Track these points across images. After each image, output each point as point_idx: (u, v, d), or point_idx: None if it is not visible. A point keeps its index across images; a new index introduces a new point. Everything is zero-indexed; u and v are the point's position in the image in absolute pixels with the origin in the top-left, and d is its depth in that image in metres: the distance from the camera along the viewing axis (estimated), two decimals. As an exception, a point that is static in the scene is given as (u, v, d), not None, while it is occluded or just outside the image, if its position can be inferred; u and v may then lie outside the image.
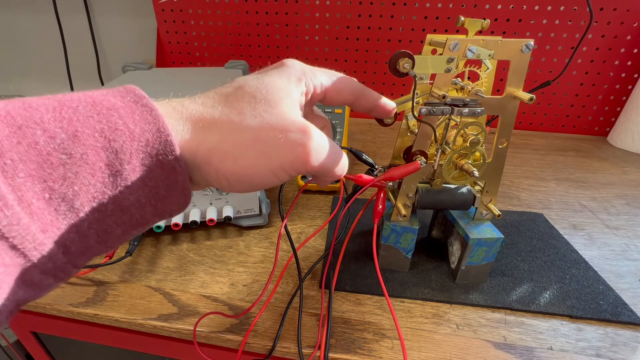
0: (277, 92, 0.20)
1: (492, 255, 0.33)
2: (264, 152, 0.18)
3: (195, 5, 0.80)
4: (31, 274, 0.14)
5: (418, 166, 0.27)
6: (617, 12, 0.67)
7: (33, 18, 0.92)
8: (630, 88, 0.72)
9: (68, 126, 0.14)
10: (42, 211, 0.14)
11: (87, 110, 0.15)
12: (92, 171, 0.15)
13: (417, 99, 0.31)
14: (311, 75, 0.22)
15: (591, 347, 0.29)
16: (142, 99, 0.17)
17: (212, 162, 0.18)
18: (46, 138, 0.14)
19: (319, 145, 0.19)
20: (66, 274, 0.16)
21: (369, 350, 0.28)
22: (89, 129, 0.15)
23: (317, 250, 0.40)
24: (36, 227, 0.14)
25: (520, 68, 0.28)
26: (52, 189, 0.14)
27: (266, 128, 0.18)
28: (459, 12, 0.72)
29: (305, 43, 0.81)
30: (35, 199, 0.14)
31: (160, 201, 0.17)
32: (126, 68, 0.68)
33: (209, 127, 0.18)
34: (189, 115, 0.18)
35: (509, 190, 0.53)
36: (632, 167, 0.62)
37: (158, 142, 0.16)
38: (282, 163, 0.18)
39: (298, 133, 0.19)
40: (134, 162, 0.16)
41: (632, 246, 0.41)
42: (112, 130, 0.15)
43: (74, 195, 0.14)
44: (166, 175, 0.17)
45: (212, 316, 0.31)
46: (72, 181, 0.14)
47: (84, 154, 0.14)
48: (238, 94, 0.19)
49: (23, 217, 0.13)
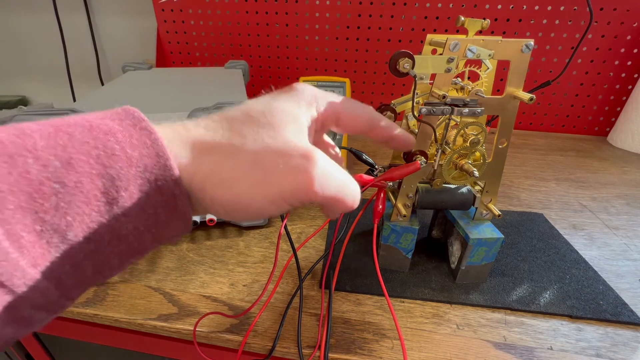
0: (283, 117, 0.19)
1: (492, 255, 0.33)
2: (262, 179, 0.17)
3: (195, 5, 0.80)
4: (20, 310, 0.14)
5: (418, 166, 0.27)
6: (617, 12, 0.67)
7: (33, 18, 0.92)
8: (630, 88, 0.72)
9: (62, 153, 0.14)
10: (32, 244, 0.13)
11: (83, 135, 0.14)
12: (87, 200, 0.14)
13: (417, 99, 0.31)
14: (322, 100, 0.21)
15: (591, 347, 0.29)
16: (140, 121, 0.16)
17: (206, 188, 0.17)
18: (38, 167, 0.13)
19: (324, 172, 0.18)
20: (60, 307, 0.15)
21: (369, 350, 0.28)
22: (84, 155, 0.14)
23: (317, 250, 0.40)
24: (26, 262, 0.13)
25: (520, 68, 0.28)
26: (44, 220, 0.13)
27: (266, 152, 0.17)
28: (459, 12, 0.72)
29: (305, 43, 0.81)
30: (25, 232, 0.13)
31: (159, 228, 0.17)
32: (126, 68, 0.68)
33: (209, 151, 0.17)
34: (190, 139, 0.17)
35: (509, 190, 0.53)
36: (632, 167, 0.62)
37: (157, 167, 0.15)
38: (281, 191, 0.17)
39: (300, 159, 0.17)
40: (132, 189, 0.15)
41: (632, 246, 0.41)
42: (109, 156, 0.15)
43: (67, 226, 0.14)
44: (166, 201, 0.16)
45: (212, 316, 0.31)
46: (65, 211, 0.14)
47: (78, 182, 0.14)
48: (243, 118, 0.18)
49: (11, 252, 0.13)
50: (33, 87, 1.03)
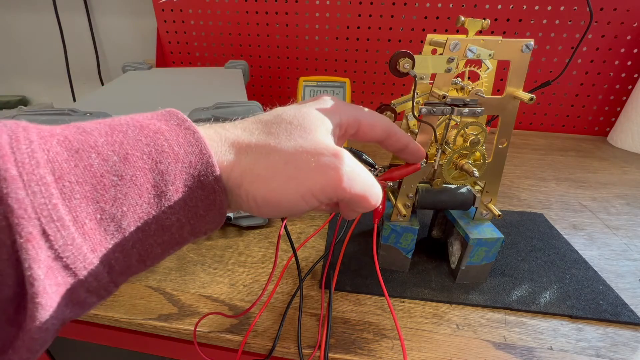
0: (313, 120, 0.20)
1: (492, 255, 0.33)
2: (294, 176, 0.18)
3: (195, 5, 0.80)
4: (78, 292, 0.15)
5: (418, 166, 0.27)
6: (617, 12, 0.67)
7: (33, 18, 0.92)
8: (630, 88, 0.72)
9: (119, 149, 0.15)
10: (93, 231, 0.15)
11: (135, 133, 0.16)
12: (140, 192, 0.15)
13: (417, 99, 0.31)
14: (345, 110, 0.23)
15: (591, 347, 0.29)
16: (184, 122, 0.17)
17: (243, 184, 0.18)
18: (100, 161, 0.15)
19: (352, 171, 0.19)
20: (108, 293, 0.16)
21: (369, 350, 0.28)
22: (138, 151, 0.16)
23: (317, 250, 0.40)
24: (87, 247, 0.14)
25: (520, 68, 0.28)
26: (104, 209, 0.15)
27: (299, 151, 0.19)
28: (459, 12, 0.72)
29: (305, 43, 0.81)
30: (88, 220, 0.14)
31: (198, 220, 0.18)
32: (126, 68, 0.68)
33: (245, 150, 0.19)
34: (228, 139, 0.19)
35: (509, 190, 0.53)
36: (632, 167, 0.62)
37: (200, 164, 0.17)
38: (312, 187, 0.18)
39: (330, 157, 0.19)
40: (178, 183, 0.16)
41: (632, 246, 0.41)
42: (159, 153, 0.16)
43: (122, 216, 0.15)
44: (206, 196, 0.17)
45: (212, 316, 0.31)
46: (121, 202, 0.15)
47: (133, 175, 0.15)
48: (276, 121, 0.20)
49: (77, 237, 0.14)
50: (33, 87, 1.03)
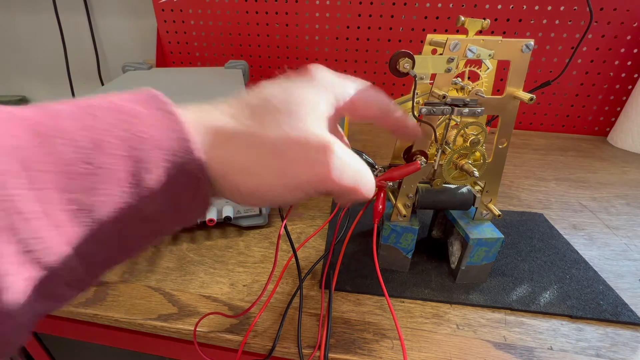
0: (303, 106, 0.19)
1: (492, 255, 0.33)
2: (281, 168, 0.17)
3: (195, 5, 0.80)
4: (52, 286, 0.14)
5: (418, 166, 0.27)
6: (617, 12, 0.67)
7: (33, 18, 0.92)
8: (630, 88, 0.72)
9: (94, 135, 0.14)
10: (65, 223, 0.14)
11: (112, 118, 0.15)
12: (115, 181, 0.15)
13: (417, 99, 0.31)
14: (340, 87, 0.21)
15: (591, 347, 0.29)
16: (165, 105, 0.16)
17: (227, 174, 0.17)
18: (73, 148, 0.14)
19: (342, 162, 0.18)
20: (85, 285, 0.16)
21: (369, 350, 0.28)
22: (114, 138, 0.15)
23: (317, 250, 0.40)
24: (59, 240, 0.14)
25: (520, 68, 0.28)
26: (77, 200, 0.14)
27: (286, 142, 0.18)
28: (459, 12, 0.72)
29: (305, 43, 0.81)
30: (59, 211, 0.14)
31: (180, 209, 0.17)
32: (126, 68, 0.68)
33: (231, 138, 0.18)
34: (212, 125, 0.18)
35: (509, 190, 0.53)
36: (632, 167, 0.62)
37: (181, 151, 0.16)
38: (299, 181, 0.18)
39: (319, 149, 0.18)
40: (157, 171, 0.15)
41: (632, 246, 0.41)
42: (136, 139, 0.15)
43: (97, 206, 0.14)
44: (188, 184, 0.16)
45: (212, 316, 0.31)
46: (95, 192, 0.14)
47: (108, 163, 0.14)
48: (263, 105, 0.19)
49: (48, 230, 0.13)
50: (33, 87, 1.03)
